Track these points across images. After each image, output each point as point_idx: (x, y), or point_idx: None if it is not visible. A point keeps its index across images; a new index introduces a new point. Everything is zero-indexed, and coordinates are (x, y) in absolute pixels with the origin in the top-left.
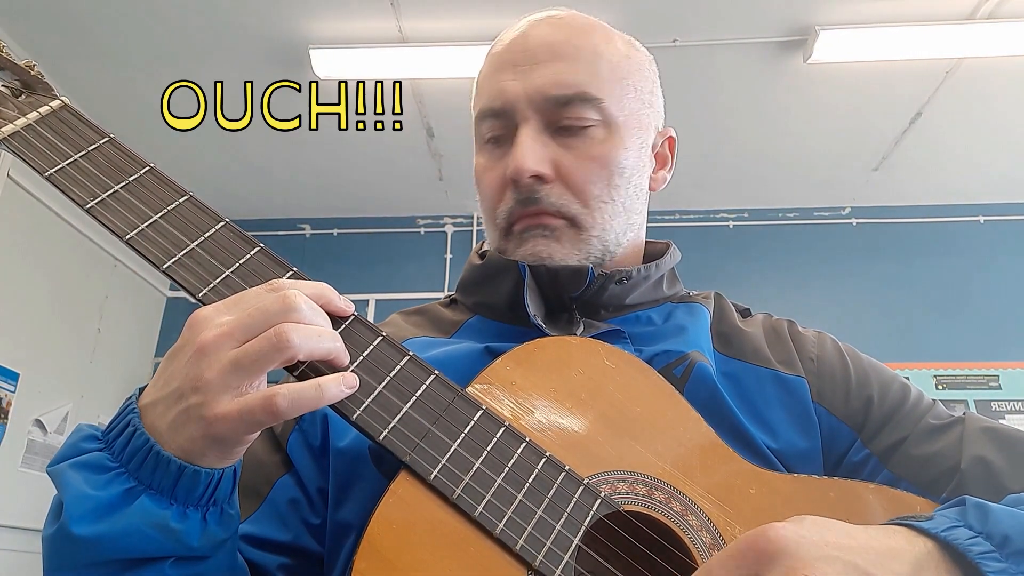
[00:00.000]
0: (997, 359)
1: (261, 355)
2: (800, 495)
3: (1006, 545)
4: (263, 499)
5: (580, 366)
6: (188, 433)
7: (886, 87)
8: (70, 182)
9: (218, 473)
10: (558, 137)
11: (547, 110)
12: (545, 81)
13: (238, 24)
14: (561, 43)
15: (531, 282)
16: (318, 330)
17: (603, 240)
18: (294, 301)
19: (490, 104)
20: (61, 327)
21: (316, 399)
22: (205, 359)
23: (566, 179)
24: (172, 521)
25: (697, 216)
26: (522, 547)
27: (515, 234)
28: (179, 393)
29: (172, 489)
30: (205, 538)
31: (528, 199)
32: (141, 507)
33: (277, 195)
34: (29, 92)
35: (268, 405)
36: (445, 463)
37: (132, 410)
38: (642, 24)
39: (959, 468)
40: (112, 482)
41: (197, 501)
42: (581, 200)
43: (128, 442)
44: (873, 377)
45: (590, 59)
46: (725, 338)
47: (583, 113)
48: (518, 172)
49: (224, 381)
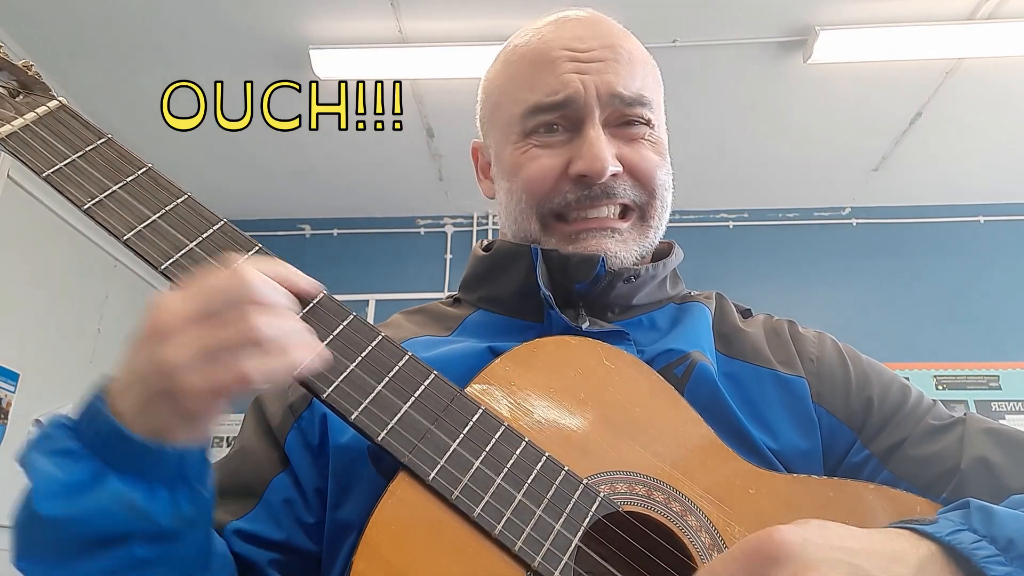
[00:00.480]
0: (997, 359)
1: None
2: (800, 495)
3: (1011, 549)
4: (259, 499)
5: (579, 366)
6: (156, 413)
7: (886, 87)
8: (68, 183)
9: (183, 451)
10: (617, 132)
11: (614, 108)
12: (614, 79)
13: (238, 25)
14: (619, 46)
15: (542, 266)
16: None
17: (656, 232)
18: (250, 279)
19: (552, 98)
20: (61, 327)
21: (287, 369)
22: (167, 343)
23: (634, 170)
24: (140, 500)
25: (697, 216)
26: (521, 548)
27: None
28: (143, 377)
29: (139, 468)
30: (174, 516)
31: (605, 193)
32: (109, 487)
33: (277, 195)
34: (27, 92)
35: (240, 377)
36: (444, 464)
37: (98, 396)
38: (642, 24)
39: (959, 468)
40: (80, 465)
41: (164, 479)
42: (648, 190)
43: (95, 426)
44: (873, 378)
45: (643, 65)
46: (726, 338)
47: (643, 113)
48: (600, 172)
49: (188, 363)
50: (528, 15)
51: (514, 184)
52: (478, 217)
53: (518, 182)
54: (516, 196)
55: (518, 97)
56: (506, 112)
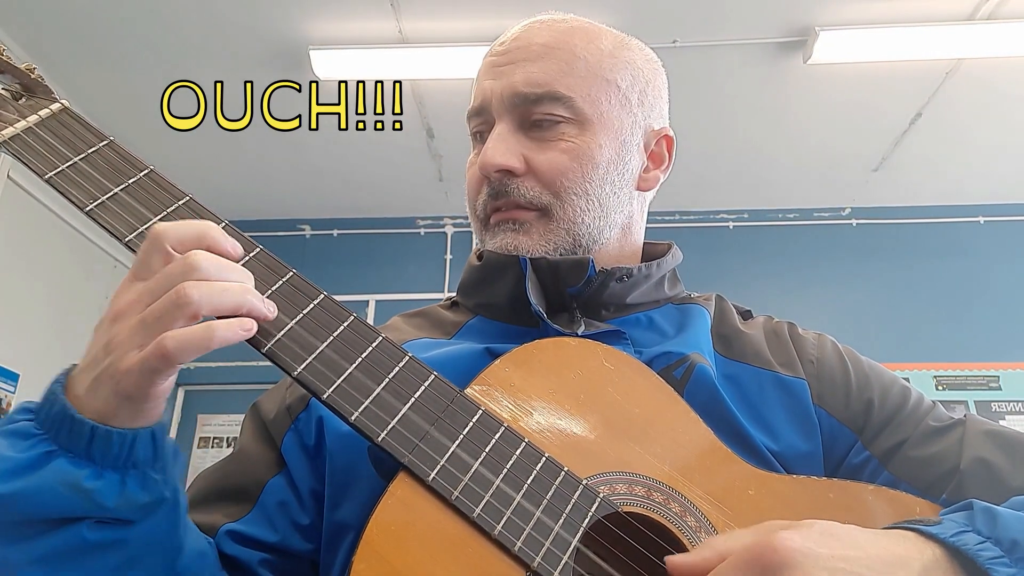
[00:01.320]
0: (997, 360)
1: (163, 312)
2: (799, 496)
3: (1015, 550)
4: (254, 502)
5: (579, 367)
6: (102, 394)
7: (886, 88)
8: (70, 184)
9: (131, 434)
10: (531, 133)
11: (518, 108)
12: (517, 80)
13: (238, 26)
14: (539, 44)
15: (532, 276)
16: (222, 285)
17: (572, 233)
18: (195, 260)
19: (473, 103)
20: (61, 328)
21: (205, 339)
22: (117, 324)
23: (536, 172)
24: (85, 480)
25: (697, 217)
26: (520, 548)
27: (491, 226)
28: (95, 358)
29: (87, 450)
30: (123, 500)
31: (499, 192)
32: (56, 467)
33: (277, 196)
34: (29, 95)
35: (158, 348)
36: (444, 464)
37: (57, 380)
38: (642, 25)
39: (959, 469)
40: (33, 446)
41: (114, 463)
42: (551, 191)
43: (50, 410)
44: (873, 380)
45: (565, 59)
46: (726, 340)
47: (552, 110)
48: (485, 167)
49: (131, 340)
50: (527, 16)
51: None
52: None
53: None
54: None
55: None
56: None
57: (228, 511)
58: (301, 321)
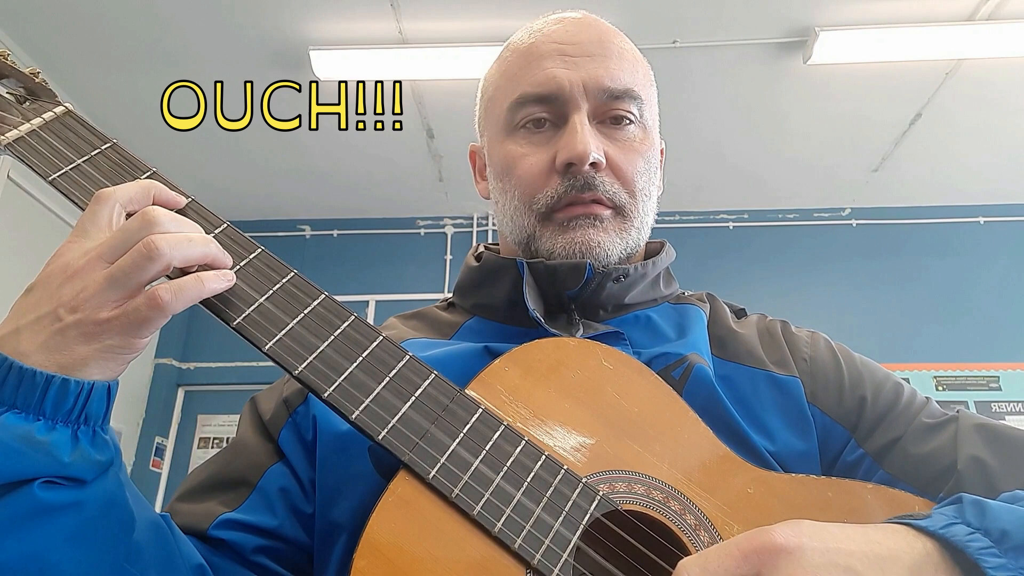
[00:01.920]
0: (997, 360)
1: (135, 266)
2: (798, 495)
3: (1005, 540)
4: (253, 487)
5: (578, 367)
6: (68, 347)
7: (886, 88)
8: (73, 186)
9: (88, 384)
10: (603, 129)
11: (599, 102)
12: (601, 73)
13: (238, 26)
14: (608, 42)
15: (530, 279)
16: (187, 236)
17: (640, 232)
18: (153, 215)
19: (537, 89)
20: None
21: (197, 289)
22: (78, 281)
23: (616, 169)
24: (38, 433)
25: (697, 217)
26: (520, 546)
27: (557, 222)
28: (52, 315)
29: (39, 403)
30: (77, 455)
31: (587, 184)
32: (5, 422)
33: (277, 196)
34: (33, 99)
35: (152, 300)
36: (444, 462)
37: None
38: (642, 25)
39: (955, 468)
40: None
41: (67, 416)
42: (629, 190)
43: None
44: (866, 376)
45: (632, 61)
46: (720, 341)
47: (630, 109)
48: (581, 157)
49: (102, 296)
50: (528, 16)
51: (507, 184)
52: (478, 218)
53: (511, 181)
54: (511, 195)
55: (508, 91)
56: (498, 107)
57: (225, 499)
58: (302, 321)
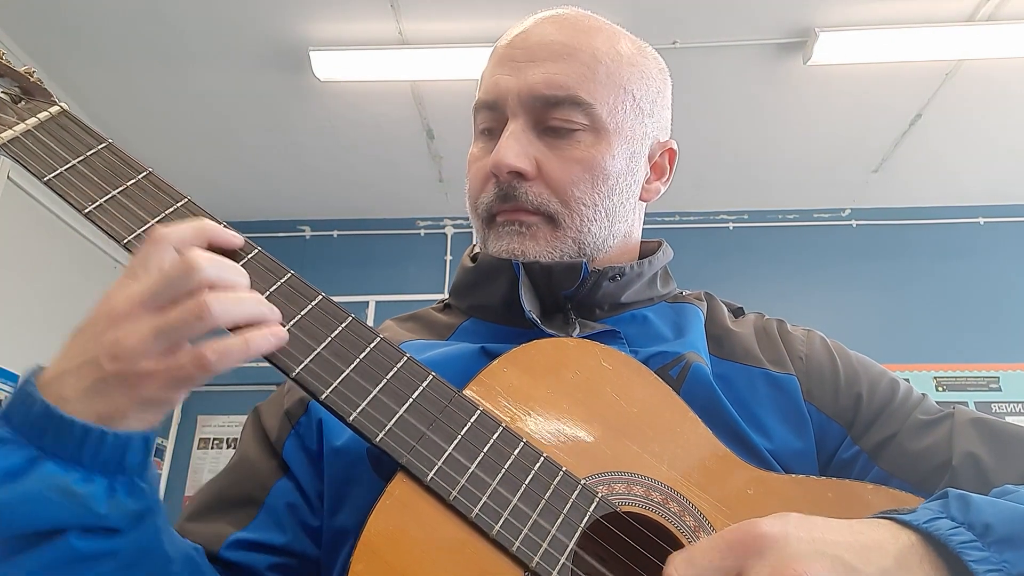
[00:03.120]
0: (997, 360)
1: (183, 324)
2: (798, 495)
3: (988, 534)
4: (260, 505)
5: (576, 367)
6: (108, 398)
7: (886, 89)
8: (68, 187)
9: (125, 435)
10: (545, 137)
11: (536, 109)
12: (537, 80)
13: (238, 27)
14: (560, 43)
15: (526, 280)
16: (237, 295)
17: (579, 242)
18: (196, 262)
19: (484, 97)
20: (61, 329)
21: (243, 353)
22: (120, 328)
23: (547, 178)
24: (76, 484)
25: (697, 218)
26: (519, 548)
27: (496, 225)
28: (94, 362)
29: (77, 453)
30: (113, 506)
31: (507, 194)
32: (43, 472)
33: (277, 197)
34: (28, 98)
35: (197, 360)
36: (442, 465)
37: (29, 383)
38: (642, 25)
39: (951, 464)
40: (12, 453)
41: (104, 467)
42: (561, 199)
43: (27, 412)
44: (862, 374)
45: (587, 62)
46: (717, 340)
47: (571, 116)
48: (497, 166)
49: (145, 347)
50: (527, 17)
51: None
52: None
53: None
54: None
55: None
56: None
57: (233, 519)
58: (299, 323)
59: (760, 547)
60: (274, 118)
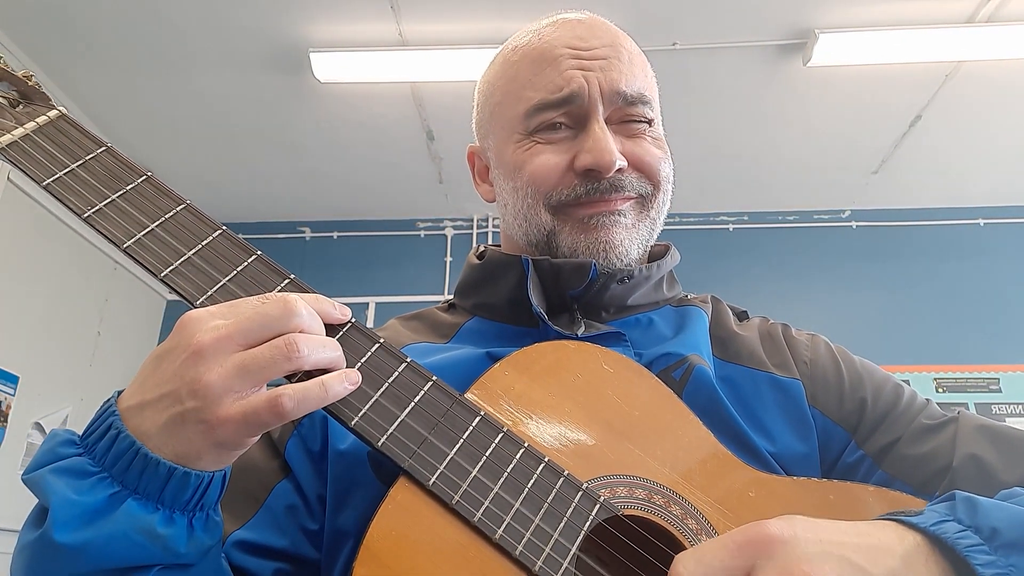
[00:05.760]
0: (997, 362)
1: (271, 362)
2: (800, 498)
3: (995, 538)
4: (260, 504)
5: (578, 370)
6: (185, 436)
7: (886, 90)
8: (67, 191)
9: (208, 476)
10: (620, 130)
11: (616, 106)
12: (617, 78)
13: (238, 28)
14: (620, 45)
15: (534, 276)
16: (322, 339)
17: (655, 224)
18: (295, 306)
19: (556, 95)
20: (61, 330)
21: (320, 398)
22: (204, 362)
23: (638, 166)
24: (159, 526)
25: (697, 219)
26: (521, 552)
27: (577, 218)
28: (174, 396)
29: (159, 493)
30: (192, 544)
31: (612, 187)
32: (127, 512)
33: (277, 198)
34: (27, 103)
35: (274, 406)
36: (444, 469)
37: (112, 413)
38: (642, 27)
39: (951, 467)
40: (96, 487)
41: (184, 506)
42: (653, 182)
43: (111, 446)
44: (866, 379)
45: (642, 64)
46: (721, 342)
47: (644, 112)
48: (607, 166)
49: (226, 384)
50: (528, 18)
51: (519, 181)
52: (478, 220)
53: (523, 178)
54: (522, 192)
55: (521, 96)
56: (508, 112)
57: (233, 515)
58: None
59: (769, 548)
60: (274, 119)
